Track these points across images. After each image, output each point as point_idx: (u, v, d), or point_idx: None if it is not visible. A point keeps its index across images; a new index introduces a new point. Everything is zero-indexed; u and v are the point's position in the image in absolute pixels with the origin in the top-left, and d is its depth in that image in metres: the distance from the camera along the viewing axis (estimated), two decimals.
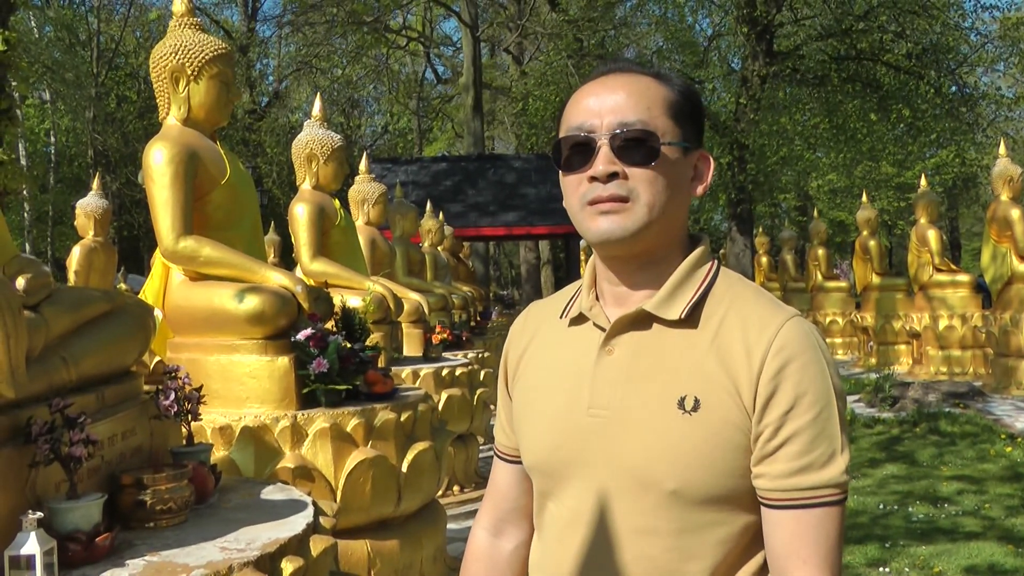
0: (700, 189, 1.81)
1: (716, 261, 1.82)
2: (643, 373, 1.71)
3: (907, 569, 6.48)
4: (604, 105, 1.72)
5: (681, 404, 1.65)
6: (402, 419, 5.25)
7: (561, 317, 1.90)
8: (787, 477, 1.62)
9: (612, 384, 1.73)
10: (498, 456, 2.06)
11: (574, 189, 1.74)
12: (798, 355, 1.64)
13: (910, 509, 8.11)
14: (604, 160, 1.69)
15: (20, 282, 2.84)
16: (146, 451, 3.40)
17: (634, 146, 1.69)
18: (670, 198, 1.72)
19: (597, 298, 1.84)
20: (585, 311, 1.83)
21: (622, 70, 1.78)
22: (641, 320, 1.75)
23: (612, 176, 1.69)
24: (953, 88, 25.88)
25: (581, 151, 1.72)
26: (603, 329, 1.78)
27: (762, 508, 1.67)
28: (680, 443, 1.64)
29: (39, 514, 2.40)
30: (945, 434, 11.58)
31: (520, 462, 1.95)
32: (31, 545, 2.35)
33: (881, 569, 6.50)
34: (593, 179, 1.70)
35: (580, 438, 1.74)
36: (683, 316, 1.72)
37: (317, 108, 8.51)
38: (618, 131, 1.69)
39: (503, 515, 2.04)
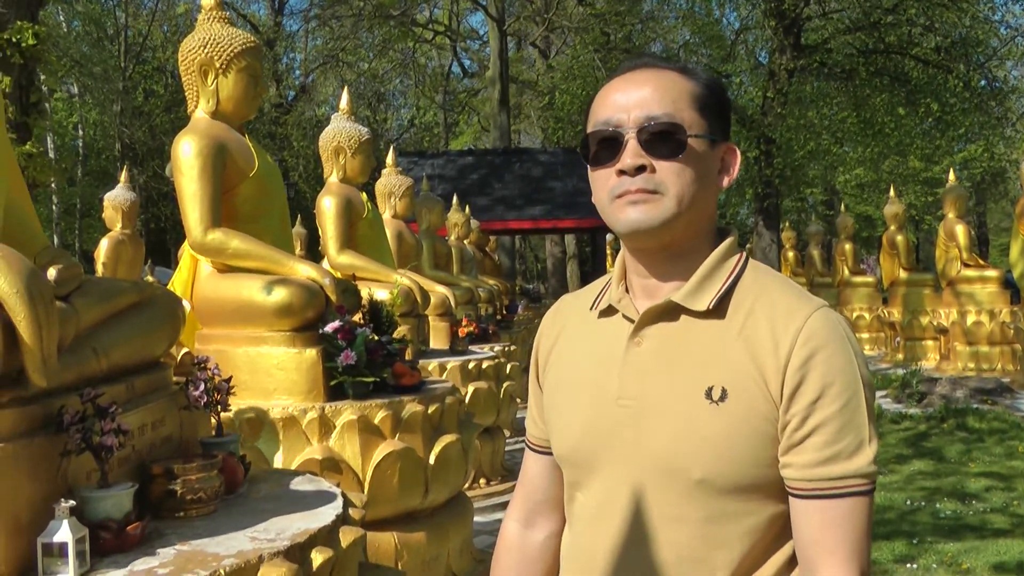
0: (727, 181, 1.82)
1: (744, 253, 1.83)
2: (671, 363, 1.72)
3: (935, 566, 6.45)
4: (631, 100, 1.73)
5: (709, 394, 1.66)
6: (429, 412, 5.26)
7: (591, 309, 1.91)
8: (814, 467, 1.62)
9: (641, 374, 1.74)
10: (529, 447, 2.07)
11: (603, 183, 1.76)
12: (825, 345, 1.64)
13: (938, 505, 8.07)
14: (632, 154, 1.70)
15: (51, 273, 2.86)
16: (176, 441, 3.42)
17: (661, 139, 1.70)
18: (698, 190, 1.72)
19: (627, 290, 1.85)
20: (614, 303, 1.84)
21: (648, 65, 1.79)
22: (669, 311, 1.75)
23: (640, 169, 1.70)
24: (982, 82, 25.72)
25: (609, 145, 1.73)
26: (632, 320, 1.78)
27: (790, 498, 1.67)
28: (707, 433, 1.65)
29: (71, 502, 2.42)
30: (973, 430, 11.51)
31: (551, 453, 1.96)
32: (63, 533, 2.37)
33: (909, 566, 6.47)
34: (621, 172, 1.71)
35: (609, 428, 1.75)
36: (711, 307, 1.72)
37: (344, 101, 8.53)
38: (645, 125, 1.70)
39: (534, 506, 2.04)
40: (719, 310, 1.72)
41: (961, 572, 6.31)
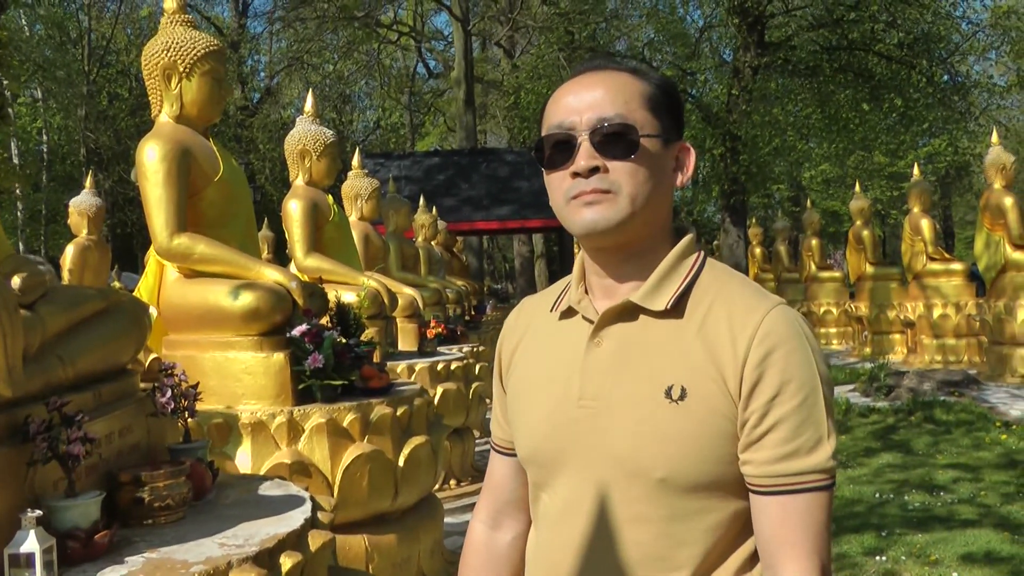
0: (681, 180, 1.84)
1: (702, 252, 1.85)
2: (630, 364, 1.74)
3: (904, 557, 6.50)
4: (583, 102, 1.75)
5: (668, 393, 1.68)
6: (398, 414, 5.26)
7: (552, 311, 1.93)
8: (773, 463, 1.64)
9: (601, 375, 1.75)
10: (494, 449, 2.08)
11: (558, 186, 1.77)
12: (783, 343, 1.66)
13: (906, 498, 8.13)
14: (585, 155, 1.72)
15: (15, 281, 2.84)
16: (143, 448, 3.41)
17: (614, 140, 1.71)
18: (652, 189, 1.74)
19: (586, 291, 1.87)
20: (574, 304, 1.85)
21: (599, 67, 1.81)
22: (628, 312, 1.77)
23: (593, 170, 1.71)
24: (945, 77, 25.84)
25: (562, 148, 1.75)
26: (591, 321, 1.80)
27: (750, 495, 1.69)
28: (668, 432, 1.66)
29: (38, 512, 2.41)
30: (940, 422, 11.60)
31: (516, 454, 1.97)
32: (31, 543, 2.36)
33: (878, 558, 6.52)
34: (575, 175, 1.73)
35: (571, 429, 1.77)
36: (669, 307, 1.74)
37: (309, 104, 8.51)
38: (597, 126, 1.72)
39: (500, 507, 2.06)
40: (677, 309, 1.74)
41: (930, 563, 6.36)
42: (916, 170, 19.76)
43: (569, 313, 1.87)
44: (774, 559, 1.65)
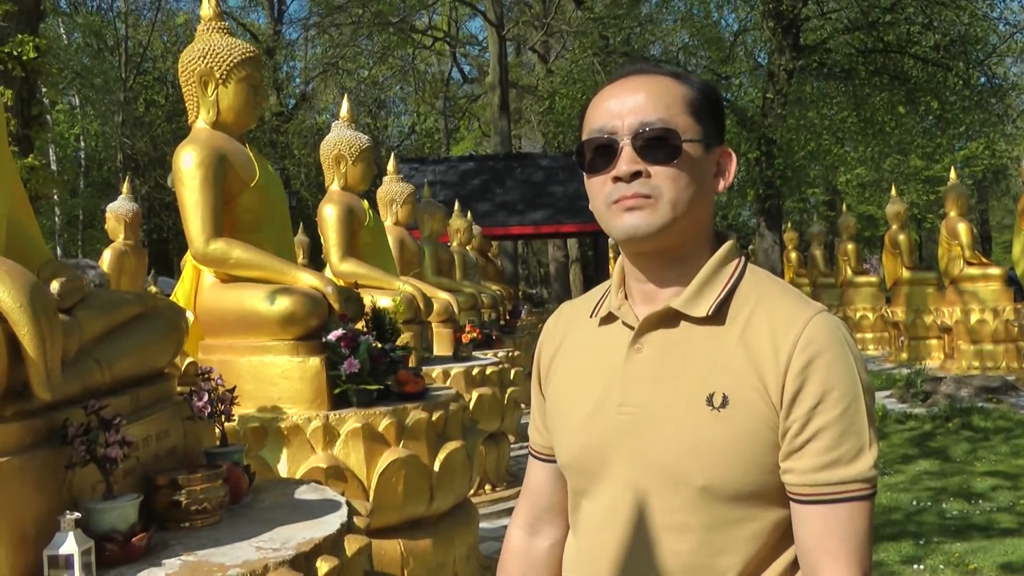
0: (723, 185, 1.82)
1: (743, 258, 1.83)
2: (671, 370, 1.73)
3: (942, 566, 6.44)
4: (625, 106, 1.74)
5: (710, 401, 1.67)
6: (433, 418, 5.26)
7: (591, 316, 1.92)
8: (815, 472, 1.62)
9: (641, 382, 1.74)
10: (533, 455, 2.08)
11: (599, 190, 1.77)
12: (825, 350, 1.64)
13: (944, 505, 8.06)
14: (627, 160, 1.71)
15: (54, 286, 2.86)
16: (180, 452, 3.43)
17: (656, 145, 1.70)
18: (694, 195, 1.73)
19: (626, 297, 1.86)
20: (614, 310, 1.84)
21: (641, 71, 1.80)
22: (669, 318, 1.76)
23: (635, 175, 1.70)
24: (982, 79, 25.67)
25: (604, 153, 1.74)
26: (632, 327, 1.79)
27: (791, 504, 1.67)
28: (709, 440, 1.65)
29: (77, 514, 2.42)
30: (978, 429, 11.51)
31: (554, 461, 1.97)
32: (69, 545, 2.37)
33: (916, 566, 6.46)
34: (617, 179, 1.72)
35: (612, 436, 1.76)
36: (710, 313, 1.73)
37: (344, 109, 8.53)
38: (640, 131, 1.71)
39: (539, 514, 2.05)
40: (718, 316, 1.73)
41: (968, 572, 6.31)
42: (953, 173, 19.61)
43: (609, 319, 1.86)
44: (815, 568, 1.64)
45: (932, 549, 6.81)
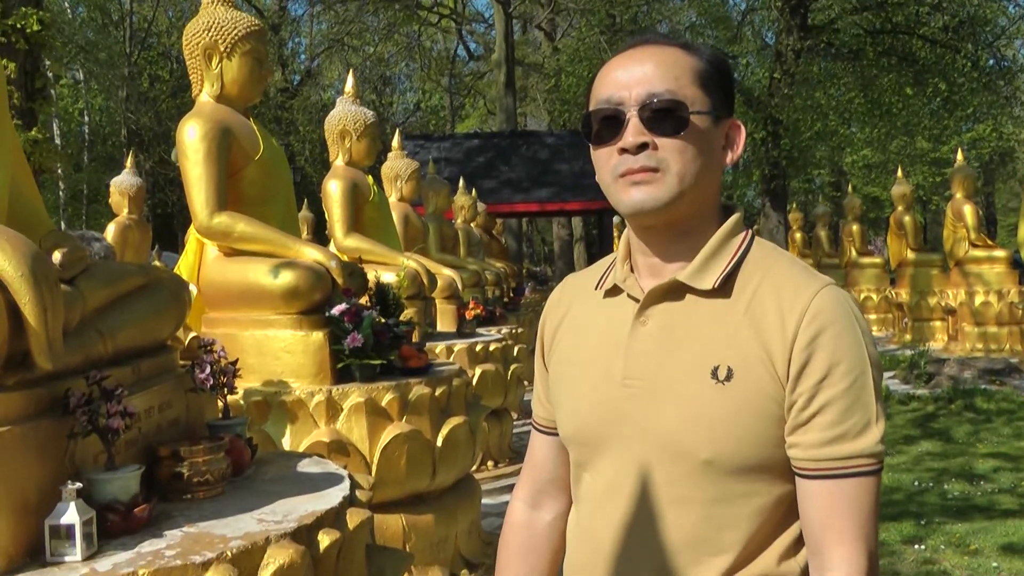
0: (731, 157, 1.80)
1: (750, 231, 1.81)
2: (677, 343, 1.71)
3: (943, 547, 6.44)
4: (632, 77, 1.72)
5: (715, 374, 1.65)
6: (437, 394, 5.26)
7: (596, 289, 1.90)
8: (821, 447, 1.61)
9: (646, 354, 1.73)
10: (536, 428, 2.07)
11: (605, 162, 1.74)
12: (832, 323, 1.62)
13: (946, 486, 8.06)
14: (633, 131, 1.68)
15: (56, 256, 2.85)
16: (183, 424, 3.42)
17: (663, 116, 1.68)
18: (701, 167, 1.71)
19: (631, 270, 1.84)
20: (619, 282, 1.82)
21: (650, 42, 1.77)
22: (674, 290, 1.74)
23: (642, 147, 1.68)
24: (990, 61, 25.61)
25: (610, 124, 1.72)
26: (637, 300, 1.77)
27: (796, 479, 1.66)
28: (714, 413, 1.64)
29: (78, 484, 2.42)
30: (981, 411, 11.50)
31: (557, 434, 1.96)
32: (71, 515, 2.37)
33: (917, 546, 6.47)
34: (623, 151, 1.70)
35: (615, 409, 1.74)
36: (716, 286, 1.71)
37: (349, 85, 8.51)
38: (647, 102, 1.68)
39: (541, 487, 2.05)
40: (725, 289, 1.71)
41: (969, 553, 6.31)
42: (959, 155, 19.54)
43: (614, 291, 1.84)
44: (820, 544, 1.62)
45: (933, 529, 6.81)
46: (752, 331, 1.66)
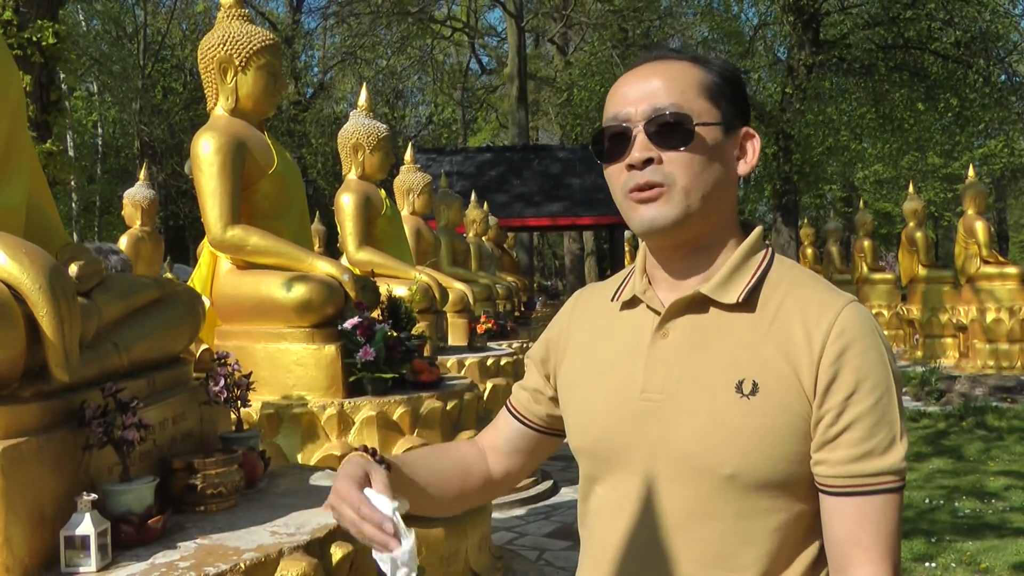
0: (745, 168, 1.80)
1: (770, 247, 1.81)
2: (700, 356, 1.70)
3: (954, 565, 6.43)
4: (639, 93, 1.72)
5: (739, 388, 1.64)
6: (448, 408, 5.27)
7: (612, 300, 1.89)
8: (849, 463, 1.60)
9: (667, 367, 1.72)
10: (508, 409, 2.08)
11: (616, 179, 1.74)
12: (858, 340, 1.62)
13: (957, 504, 8.04)
14: (639, 147, 1.69)
15: (73, 269, 2.88)
16: (196, 436, 3.44)
17: (668, 130, 1.68)
18: (711, 180, 1.71)
19: (650, 282, 1.83)
20: (639, 294, 1.81)
21: (659, 58, 1.78)
22: (698, 303, 1.73)
23: (648, 162, 1.68)
24: (1002, 77, 25.57)
25: (619, 140, 1.73)
26: (658, 312, 1.77)
27: (821, 496, 1.65)
28: (738, 427, 1.63)
29: (93, 496, 2.44)
30: (992, 428, 11.47)
31: (530, 424, 2.00)
32: (86, 526, 2.39)
33: (928, 564, 6.45)
34: (631, 167, 1.70)
35: (633, 422, 1.73)
36: (741, 300, 1.70)
37: (363, 98, 8.54)
38: (652, 117, 1.69)
39: (490, 443, 2.07)
40: (749, 303, 1.71)
41: (980, 571, 6.29)
42: (971, 171, 19.49)
43: (633, 303, 1.84)
44: (846, 561, 1.62)
45: (944, 547, 6.79)
46: (777, 346, 1.65)
